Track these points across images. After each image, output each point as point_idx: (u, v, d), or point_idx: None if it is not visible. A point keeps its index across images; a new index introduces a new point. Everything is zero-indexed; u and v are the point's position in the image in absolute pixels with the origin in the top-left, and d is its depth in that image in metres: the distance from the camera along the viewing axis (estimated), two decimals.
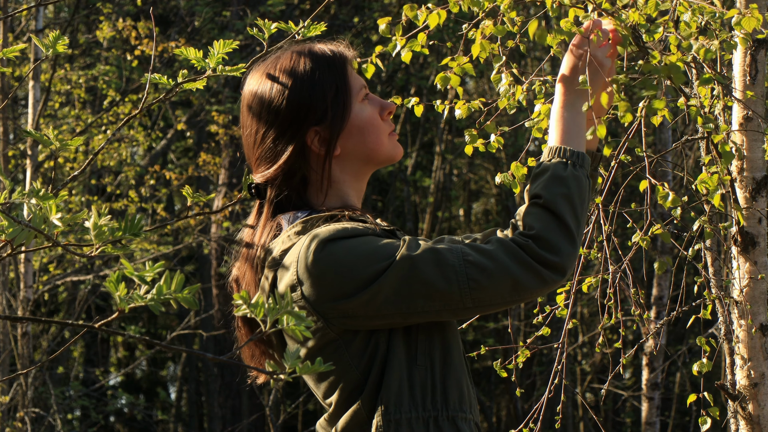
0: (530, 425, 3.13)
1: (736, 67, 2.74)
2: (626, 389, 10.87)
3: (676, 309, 3.13)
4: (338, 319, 1.88)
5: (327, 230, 1.89)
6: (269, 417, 8.56)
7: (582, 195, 1.94)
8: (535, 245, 1.88)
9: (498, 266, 1.86)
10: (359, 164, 2.04)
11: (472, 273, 1.86)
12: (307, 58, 2.01)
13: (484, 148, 2.51)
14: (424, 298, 1.86)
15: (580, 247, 1.95)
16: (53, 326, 10.32)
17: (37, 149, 7.56)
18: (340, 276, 1.86)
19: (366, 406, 1.90)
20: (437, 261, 1.86)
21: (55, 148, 1.75)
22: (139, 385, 14.99)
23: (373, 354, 1.90)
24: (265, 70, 2.03)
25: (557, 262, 1.88)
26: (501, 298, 1.88)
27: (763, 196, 2.74)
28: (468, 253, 1.87)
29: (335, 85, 2.00)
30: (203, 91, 10.76)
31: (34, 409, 7.84)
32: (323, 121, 1.99)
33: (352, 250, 1.87)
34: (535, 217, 1.91)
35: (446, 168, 13.03)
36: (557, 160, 1.96)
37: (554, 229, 1.89)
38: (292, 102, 1.98)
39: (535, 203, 1.93)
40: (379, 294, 1.85)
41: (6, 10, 7.14)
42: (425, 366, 1.92)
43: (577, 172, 1.95)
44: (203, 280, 11.62)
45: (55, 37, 1.94)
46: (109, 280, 1.36)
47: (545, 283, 1.88)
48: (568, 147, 1.98)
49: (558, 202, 1.91)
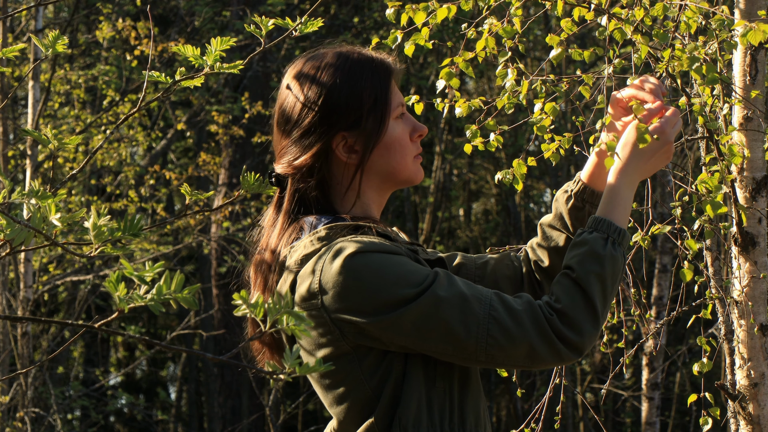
0: (531, 425, 3.13)
1: (736, 67, 2.74)
2: (626, 389, 10.86)
3: (676, 309, 3.12)
4: (353, 335, 1.86)
5: (356, 242, 1.86)
6: (269, 417, 8.56)
7: (615, 276, 1.94)
8: (558, 320, 1.88)
9: (520, 330, 1.85)
10: (379, 180, 2.01)
11: (494, 330, 1.85)
12: (353, 62, 1.98)
13: (484, 147, 2.51)
14: (440, 340, 1.84)
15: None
16: (53, 326, 10.32)
17: (37, 149, 7.55)
18: (364, 293, 1.83)
19: (380, 423, 1.88)
20: (463, 308, 1.84)
21: (54, 148, 1.74)
22: (139, 385, 14.98)
23: (386, 374, 1.89)
24: (310, 65, 1.99)
25: (577, 341, 1.88)
26: (513, 361, 1.88)
27: (763, 196, 2.74)
28: (495, 308, 1.86)
29: (374, 96, 1.97)
30: (203, 91, 10.76)
31: (34, 409, 7.84)
32: (354, 129, 1.96)
33: (381, 270, 1.84)
34: (564, 290, 1.91)
35: (446, 168, 13.03)
36: (597, 235, 1.95)
37: (580, 308, 1.89)
38: (327, 103, 1.95)
39: (568, 275, 1.92)
40: (397, 323, 1.83)
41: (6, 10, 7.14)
42: (443, 389, 1.91)
43: (615, 252, 1.94)
44: (203, 280, 11.61)
45: (55, 37, 1.94)
46: (108, 280, 1.35)
47: (560, 359, 1.89)
48: (612, 221, 1.97)
49: (590, 280, 1.91)
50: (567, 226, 2.16)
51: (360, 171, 1.97)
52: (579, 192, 2.16)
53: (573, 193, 2.16)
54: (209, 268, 11.47)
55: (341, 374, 1.89)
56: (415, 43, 2.35)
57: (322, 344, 1.88)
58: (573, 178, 2.20)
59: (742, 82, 2.71)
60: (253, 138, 10.27)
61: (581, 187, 2.16)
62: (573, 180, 2.20)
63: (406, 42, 2.34)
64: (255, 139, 10.17)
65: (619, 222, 1.98)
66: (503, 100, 2.49)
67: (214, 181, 11.40)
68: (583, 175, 2.16)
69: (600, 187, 2.14)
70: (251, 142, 10.51)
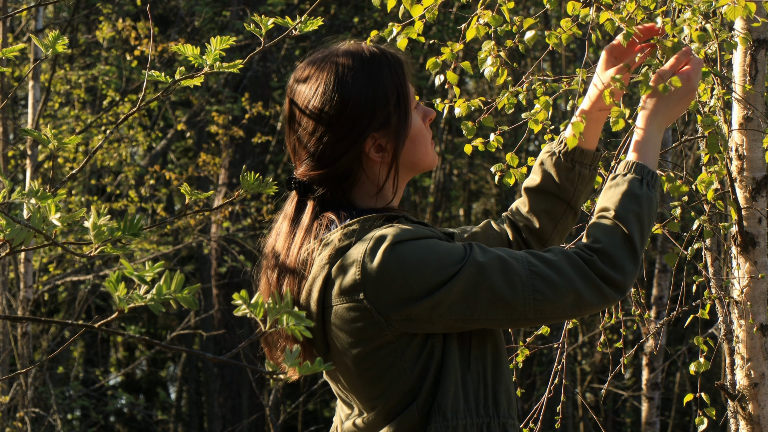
0: (530, 425, 3.13)
1: (736, 67, 2.74)
2: (626, 389, 10.86)
3: (676, 309, 3.13)
4: (399, 322, 1.85)
5: (394, 231, 1.85)
6: (269, 417, 8.56)
7: (651, 216, 1.95)
8: (599, 261, 1.88)
9: (563, 279, 1.86)
10: (405, 171, 2.01)
11: (538, 284, 1.85)
12: (369, 61, 1.96)
13: (484, 147, 2.51)
14: (489, 306, 1.85)
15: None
16: (53, 326, 10.32)
17: (37, 149, 7.55)
18: (410, 279, 1.83)
19: (421, 411, 1.88)
20: (504, 269, 1.85)
21: (54, 148, 1.74)
22: (139, 385, 14.98)
23: (428, 359, 1.88)
24: (325, 68, 1.96)
25: (620, 280, 1.88)
26: (562, 312, 1.88)
27: (763, 196, 2.74)
28: (533, 264, 1.86)
29: (396, 92, 1.96)
30: (203, 91, 10.76)
31: (34, 409, 7.84)
32: (384, 128, 1.95)
33: (422, 253, 1.84)
34: (603, 231, 1.91)
35: (446, 168, 13.03)
36: (632, 176, 1.97)
37: (621, 247, 1.89)
38: (357, 106, 1.93)
39: (605, 217, 1.93)
40: (446, 299, 1.83)
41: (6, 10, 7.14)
42: (478, 372, 1.91)
43: (651, 193, 1.96)
44: (203, 280, 11.61)
45: (55, 37, 1.94)
46: (108, 280, 1.35)
47: (606, 300, 1.89)
48: (644, 164, 1.99)
49: (630, 219, 1.92)
50: (559, 187, 2.17)
51: (395, 168, 1.97)
52: (568, 152, 2.17)
53: (561, 153, 2.17)
54: (209, 268, 11.47)
55: (383, 365, 1.87)
56: (408, 37, 2.34)
57: (364, 338, 1.87)
58: (556, 140, 2.21)
59: (742, 82, 2.71)
60: (253, 138, 10.27)
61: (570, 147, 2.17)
62: (557, 141, 2.21)
63: (399, 36, 2.34)
64: (255, 139, 10.18)
65: (651, 165, 2.00)
66: (503, 101, 2.49)
67: (214, 181, 11.40)
68: (568, 134, 2.17)
69: (588, 147, 2.16)
70: (251, 143, 10.51)
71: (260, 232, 10.61)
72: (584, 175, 2.19)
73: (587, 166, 2.19)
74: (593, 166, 2.19)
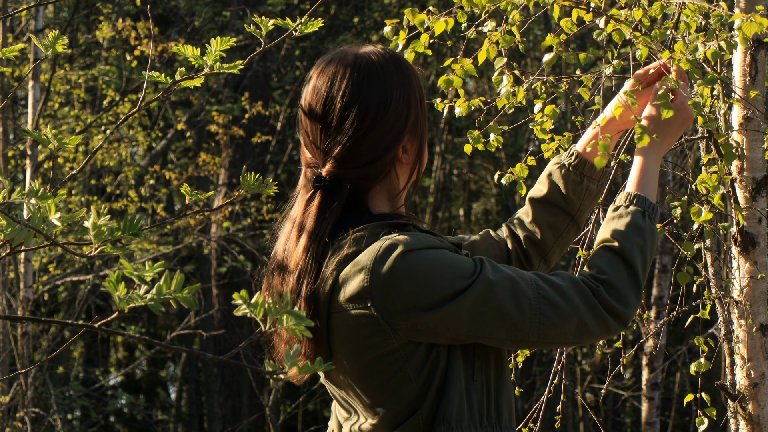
0: (530, 425, 3.13)
1: (736, 67, 2.74)
2: (626, 389, 10.86)
3: (676, 309, 3.13)
4: (405, 331, 1.84)
5: (404, 239, 1.84)
6: (269, 417, 8.56)
7: (653, 248, 1.97)
8: (605, 292, 1.89)
9: (569, 306, 1.86)
10: (413, 174, 2.01)
11: (545, 308, 1.86)
12: (400, 60, 1.96)
13: (484, 147, 2.51)
14: (495, 325, 1.84)
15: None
16: (53, 326, 10.32)
17: (37, 149, 7.55)
18: (420, 288, 1.82)
19: (426, 419, 1.87)
20: (514, 290, 1.85)
21: (54, 148, 1.74)
22: (139, 385, 14.98)
23: (433, 367, 1.87)
24: (363, 66, 1.93)
25: (624, 312, 1.89)
26: (564, 338, 1.88)
27: (763, 196, 2.74)
28: (542, 287, 1.87)
29: (418, 94, 1.97)
30: (203, 91, 10.76)
31: (34, 409, 7.84)
32: (412, 129, 1.95)
33: (433, 264, 1.83)
34: (608, 262, 1.92)
35: (446, 168, 13.02)
36: (635, 209, 1.98)
37: (626, 279, 1.91)
38: (396, 107, 1.92)
39: (610, 248, 1.94)
40: (454, 313, 1.83)
41: (6, 10, 7.14)
42: (481, 382, 1.91)
43: (653, 225, 1.98)
44: (203, 280, 11.61)
45: (55, 37, 1.94)
46: (108, 280, 1.35)
47: (608, 331, 1.90)
48: (645, 196, 2.01)
49: (634, 252, 1.93)
50: (565, 200, 2.18)
51: (418, 168, 1.98)
52: (578, 165, 2.17)
53: (571, 166, 2.17)
54: (209, 268, 11.47)
55: (388, 373, 1.87)
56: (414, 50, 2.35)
57: (370, 345, 1.86)
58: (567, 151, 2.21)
59: (742, 82, 2.71)
60: (253, 138, 10.27)
61: (580, 161, 2.17)
62: (567, 153, 2.21)
63: (405, 50, 2.34)
64: (255, 139, 10.18)
65: (650, 197, 2.02)
66: (503, 101, 2.49)
67: (214, 181, 11.40)
68: (579, 147, 2.17)
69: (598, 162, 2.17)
70: (251, 142, 10.52)
71: (260, 232, 10.61)
72: (591, 190, 2.20)
73: (595, 182, 2.20)
74: (601, 182, 2.20)
